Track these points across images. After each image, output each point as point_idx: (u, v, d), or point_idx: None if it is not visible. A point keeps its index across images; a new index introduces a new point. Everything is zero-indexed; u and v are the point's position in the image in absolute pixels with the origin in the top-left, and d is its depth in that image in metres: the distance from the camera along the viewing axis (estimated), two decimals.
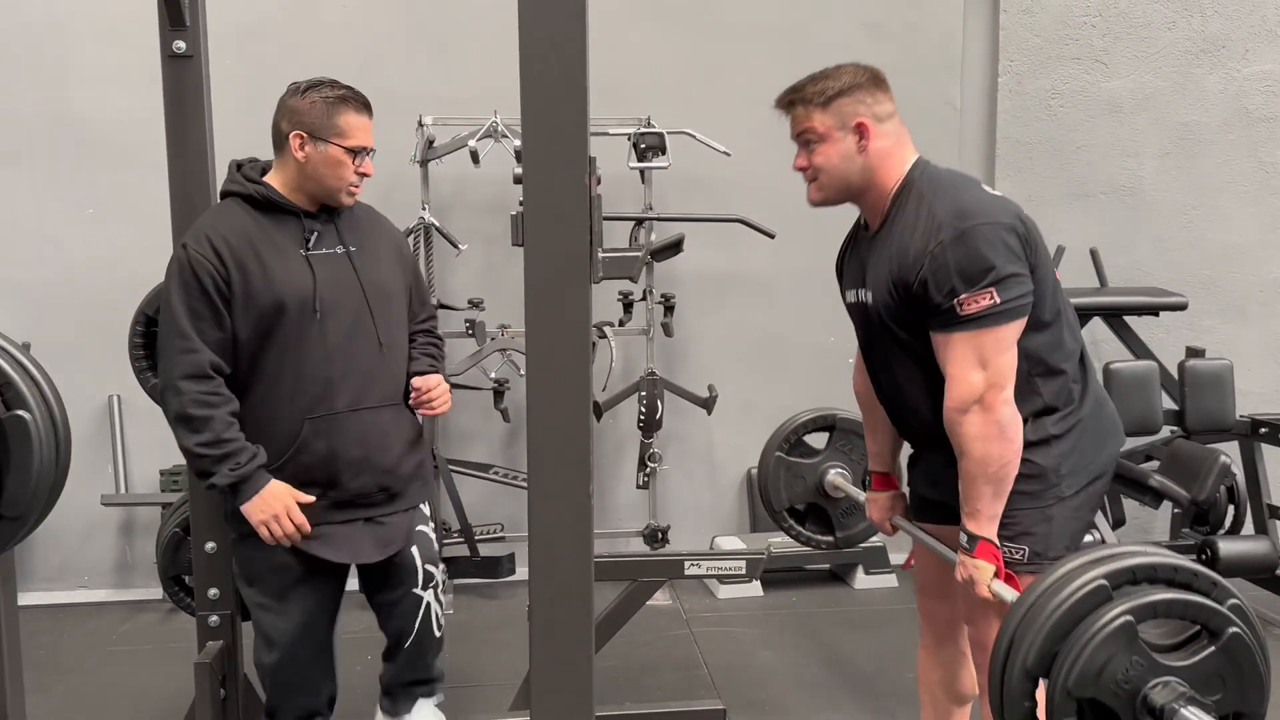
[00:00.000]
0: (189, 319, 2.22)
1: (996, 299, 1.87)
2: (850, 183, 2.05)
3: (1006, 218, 1.93)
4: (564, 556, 1.46)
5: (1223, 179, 4.59)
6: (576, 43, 1.34)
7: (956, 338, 1.91)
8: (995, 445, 1.90)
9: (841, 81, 2.01)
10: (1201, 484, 3.62)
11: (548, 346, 1.40)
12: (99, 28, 4.04)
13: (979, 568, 1.95)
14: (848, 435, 2.79)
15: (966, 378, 1.90)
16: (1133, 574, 1.41)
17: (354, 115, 2.36)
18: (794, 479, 2.81)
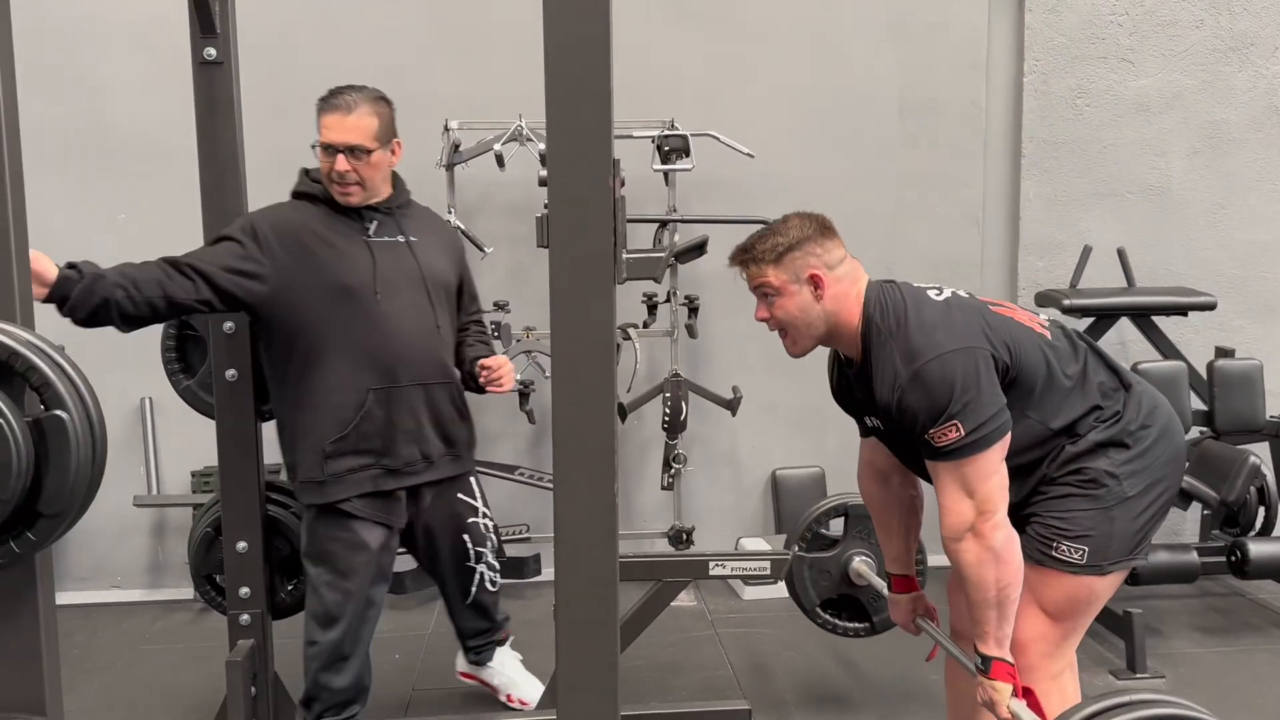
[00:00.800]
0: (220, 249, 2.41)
1: (962, 431, 1.92)
2: (817, 330, 2.13)
3: (953, 342, 1.97)
4: (589, 557, 1.48)
5: (1252, 177, 4.55)
6: (600, 46, 1.36)
7: (940, 468, 1.99)
8: (991, 570, 1.95)
9: (789, 236, 2.08)
10: (1231, 485, 3.59)
11: (573, 348, 1.42)
12: (131, 35, 4.10)
13: (997, 689, 2.00)
14: (862, 520, 2.88)
15: (956, 507, 1.97)
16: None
17: (326, 115, 2.48)
18: (819, 575, 2.90)
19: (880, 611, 2.89)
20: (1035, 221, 4.49)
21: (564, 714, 1.53)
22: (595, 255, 1.40)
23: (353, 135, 2.46)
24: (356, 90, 2.50)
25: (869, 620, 2.94)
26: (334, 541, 2.57)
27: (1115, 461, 2.05)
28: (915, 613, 2.46)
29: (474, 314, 2.90)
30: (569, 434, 1.45)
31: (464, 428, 2.75)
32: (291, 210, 2.55)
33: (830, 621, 2.93)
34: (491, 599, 3.00)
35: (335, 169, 2.47)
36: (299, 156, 4.17)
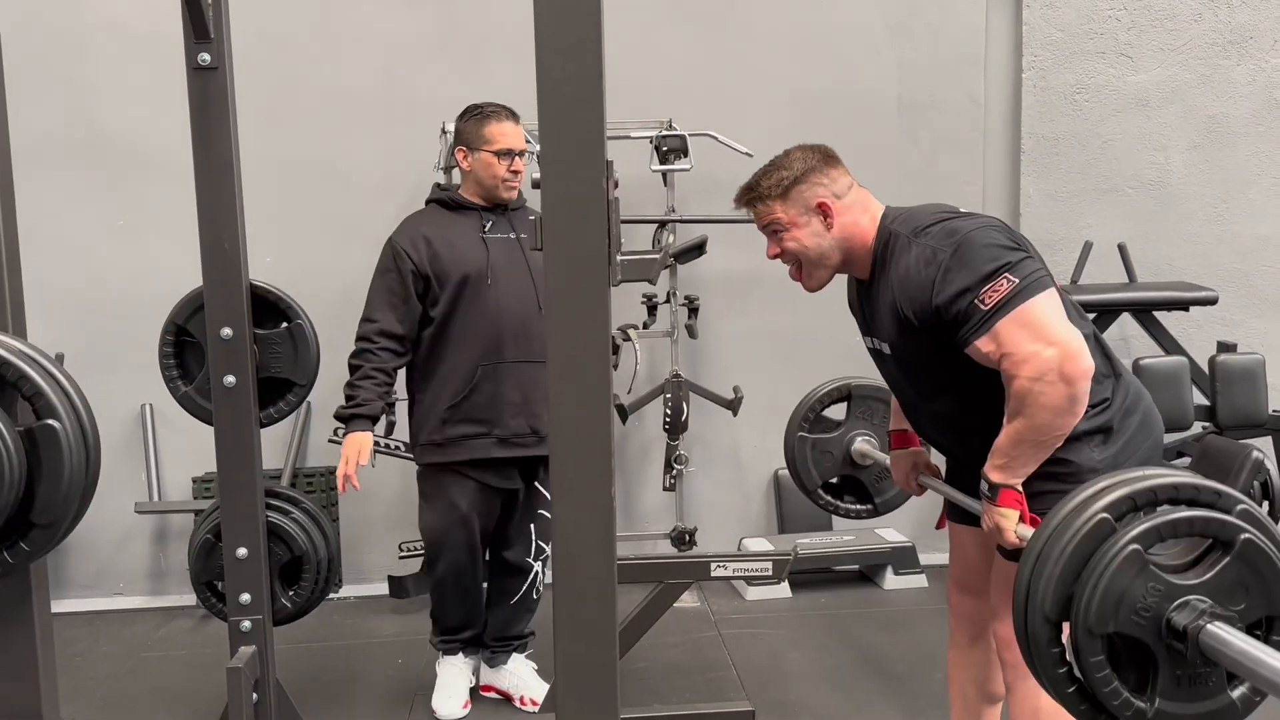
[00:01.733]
0: (378, 294, 3.01)
1: (1014, 279, 1.87)
2: (830, 259, 2.11)
3: (992, 222, 1.99)
4: (587, 559, 1.47)
5: (1252, 171, 4.53)
6: (593, 47, 1.35)
7: (999, 329, 1.87)
8: (1063, 417, 1.88)
9: (794, 169, 2.07)
10: (1234, 480, 3.58)
11: (569, 349, 1.41)
12: (126, 41, 4.09)
13: (1004, 515, 1.95)
14: (865, 401, 2.80)
15: (1039, 354, 1.84)
16: (1133, 501, 1.38)
17: (496, 125, 3.00)
18: (821, 455, 2.82)
19: (883, 492, 2.79)
20: (1036, 218, 4.48)
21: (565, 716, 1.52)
22: (590, 257, 1.39)
23: (520, 140, 3.02)
24: (503, 106, 3.05)
25: (871, 501, 2.85)
26: (445, 487, 3.03)
27: (1095, 457, 2.01)
28: (916, 470, 2.42)
29: None
30: (566, 436, 1.44)
31: None
32: (422, 218, 3.08)
33: (832, 503, 2.83)
34: (532, 607, 3.26)
35: (511, 169, 2.99)
36: (297, 160, 4.19)
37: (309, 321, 2.54)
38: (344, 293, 4.24)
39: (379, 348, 2.97)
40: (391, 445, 4.03)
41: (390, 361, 2.99)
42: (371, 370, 2.96)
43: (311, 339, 2.55)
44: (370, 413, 2.95)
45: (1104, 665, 1.36)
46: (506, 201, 3.05)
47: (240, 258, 2.39)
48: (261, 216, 2.94)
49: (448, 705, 3.17)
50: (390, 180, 4.26)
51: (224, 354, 2.46)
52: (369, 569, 4.36)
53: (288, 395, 2.57)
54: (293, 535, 2.67)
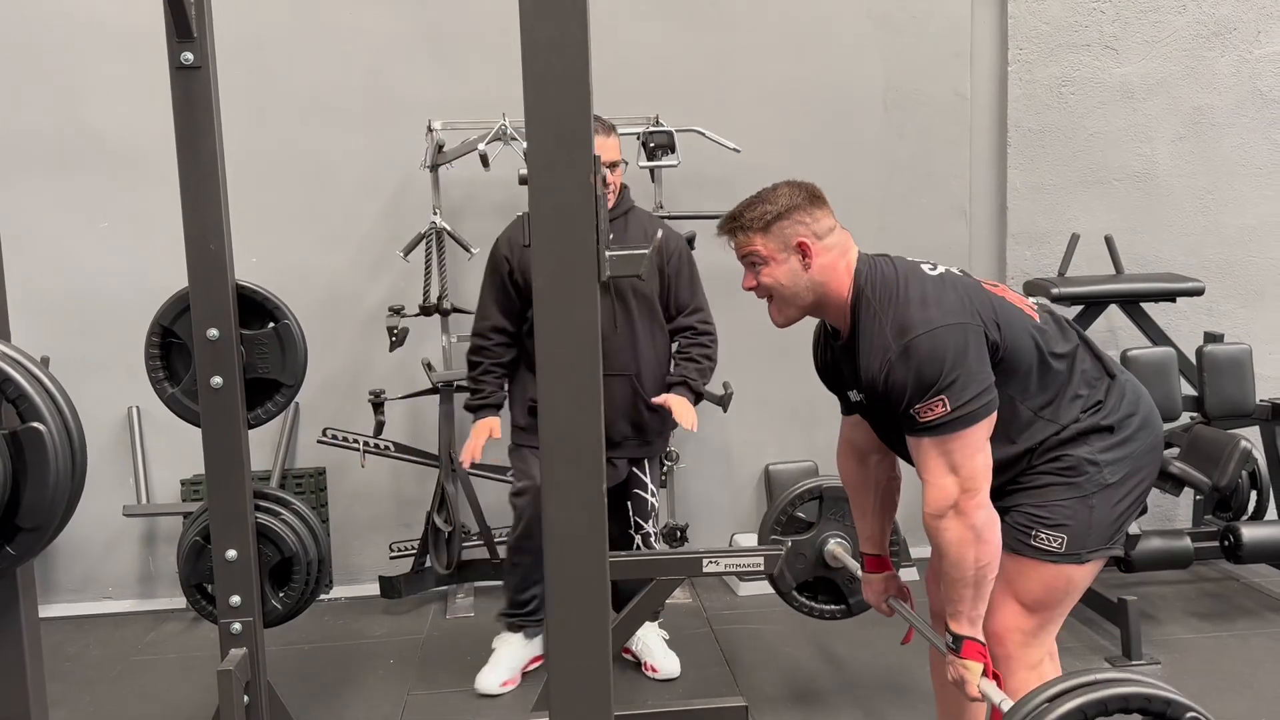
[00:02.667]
0: (486, 293, 3.29)
1: (948, 407, 1.91)
2: (803, 300, 2.11)
3: (945, 318, 1.95)
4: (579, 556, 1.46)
5: (1237, 162, 4.55)
6: (579, 43, 1.34)
7: (924, 444, 1.96)
8: (971, 549, 1.94)
9: (779, 205, 2.07)
10: (1223, 470, 3.59)
11: (557, 346, 1.40)
12: (109, 42, 4.06)
13: (968, 668, 2.00)
14: (837, 503, 2.90)
15: (940, 483, 1.95)
16: (1084, 713, 1.42)
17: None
18: (795, 557, 2.93)
19: (856, 593, 2.89)
20: (1022, 210, 4.49)
21: (557, 716, 1.52)
22: (578, 253, 1.38)
23: (614, 152, 3.13)
24: (597, 119, 2.96)
25: (845, 602, 2.94)
26: (526, 460, 3.28)
27: (1096, 449, 2.04)
28: (888, 592, 2.46)
29: (689, 315, 3.31)
30: (556, 433, 1.43)
31: (653, 418, 3.27)
32: (518, 224, 3.26)
33: (806, 604, 2.94)
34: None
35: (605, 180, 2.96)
36: (282, 159, 4.17)
37: (296, 321, 2.53)
38: (330, 292, 4.25)
39: (493, 343, 3.26)
40: (381, 446, 4.03)
41: (504, 354, 3.28)
42: (490, 365, 3.28)
43: (299, 339, 2.54)
44: (494, 403, 3.32)
45: None
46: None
47: (226, 258, 2.37)
48: (247, 216, 2.93)
49: (487, 680, 3.34)
50: (376, 179, 4.25)
51: (210, 355, 2.45)
52: (360, 570, 4.35)
53: (275, 396, 2.55)
54: (282, 536, 2.66)
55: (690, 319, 3.31)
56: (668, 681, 3.39)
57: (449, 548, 4.04)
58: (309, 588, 2.69)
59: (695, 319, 3.31)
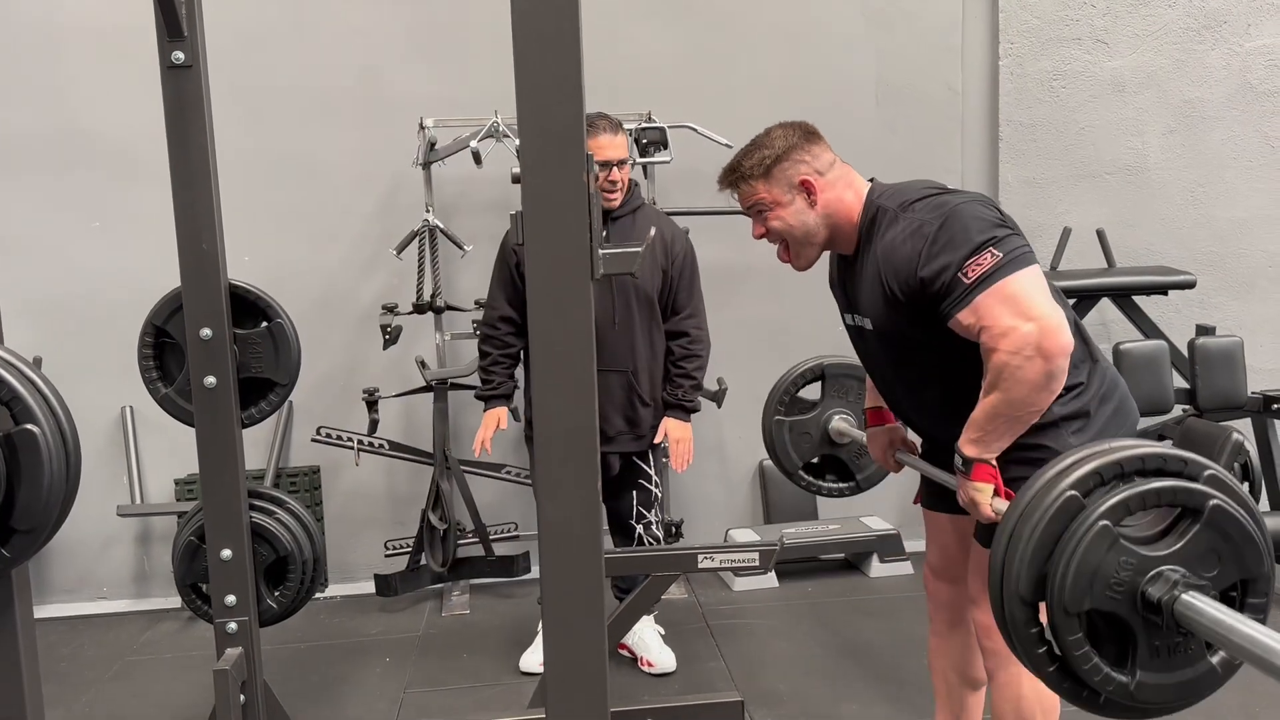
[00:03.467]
0: (495, 284, 3.33)
1: (998, 254, 1.87)
2: (816, 237, 2.09)
3: (980, 197, 1.99)
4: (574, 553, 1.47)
5: (1228, 155, 4.57)
6: (571, 40, 1.34)
7: (980, 302, 1.87)
8: (1039, 394, 1.87)
9: (775, 148, 2.06)
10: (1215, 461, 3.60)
11: (551, 343, 1.40)
12: (100, 41, 4.05)
13: (979, 489, 1.95)
14: (839, 380, 2.81)
15: (1018, 325, 1.83)
16: (1100, 475, 1.37)
17: (595, 138, 3.07)
18: (799, 437, 2.83)
19: (863, 469, 2.80)
20: (1014, 204, 4.50)
21: (554, 711, 1.52)
22: (571, 251, 1.38)
23: (620, 150, 3.14)
24: (605, 117, 3.14)
25: (853, 478, 2.86)
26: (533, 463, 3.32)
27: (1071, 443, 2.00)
28: (893, 445, 2.42)
29: (683, 319, 3.34)
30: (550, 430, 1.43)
31: (647, 412, 3.31)
32: None
33: (814, 483, 2.85)
34: None
35: (609, 179, 3.13)
36: (274, 158, 4.16)
37: (289, 320, 2.52)
38: (324, 291, 4.24)
39: (501, 333, 3.31)
40: (376, 444, 4.02)
41: (514, 344, 3.33)
42: (499, 356, 3.33)
43: (292, 338, 2.53)
44: (504, 392, 3.36)
45: (1082, 643, 1.36)
46: (606, 209, 3.18)
47: (218, 257, 2.37)
48: (239, 215, 2.92)
49: (530, 659, 3.46)
50: (368, 177, 4.24)
51: (204, 355, 2.44)
52: (355, 568, 4.35)
53: (269, 395, 2.55)
54: (277, 535, 2.66)
55: (685, 323, 3.34)
56: (663, 676, 3.40)
57: (444, 545, 4.04)
58: (304, 586, 2.68)
59: (690, 324, 3.35)
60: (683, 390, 3.35)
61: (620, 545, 3.48)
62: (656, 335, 3.31)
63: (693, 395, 3.37)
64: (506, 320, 3.30)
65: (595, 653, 1.49)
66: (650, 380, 3.31)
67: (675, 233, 3.37)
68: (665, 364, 3.36)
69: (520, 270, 3.20)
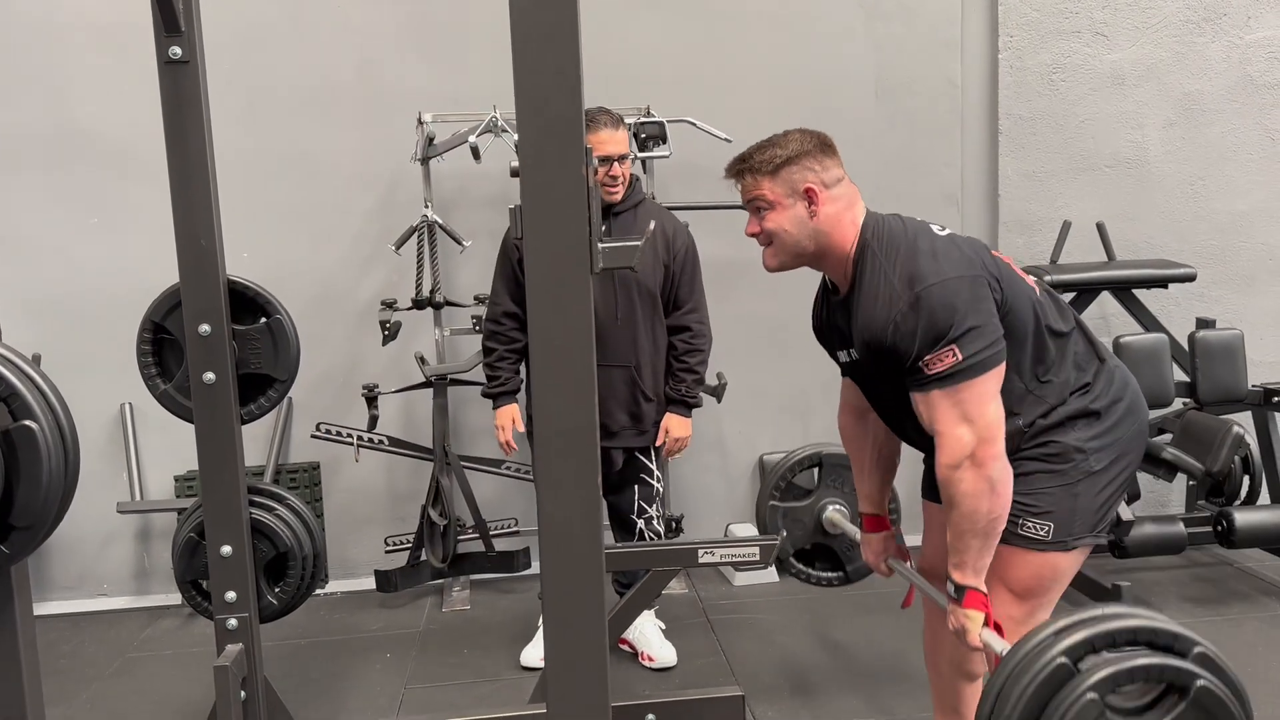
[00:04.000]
0: (498, 280, 3.34)
1: (959, 356, 1.89)
2: (803, 248, 2.08)
3: (956, 270, 1.95)
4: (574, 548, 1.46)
5: (1228, 148, 4.56)
6: (569, 34, 1.34)
7: (934, 397, 1.93)
8: (985, 501, 1.92)
9: (789, 149, 2.05)
10: (1215, 455, 3.61)
11: (551, 338, 1.40)
12: (97, 37, 4.04)
13: (970, 618, 1.99)
14: (836, 469, 2.87)
15: (954, 433, 1.92)
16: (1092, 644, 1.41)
17: (593, 135, 3.11)
18: (793, 524, 2.89)
19: (854, 560, 2.86)
20: (1014, 198, 4.49)
21: (554, 706, 1.52)
22: (570, 244, 1.38)
23: (622, 145, 3.17)
24: (606, 112, 3.17)
25: (843, 569, 2.91)
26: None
27: (1083, 436, 2.03)
28: (886, 553, 2.45)
29: (685, 314, 3.34)
30: (550, 426, 1.43)
31: (650, 407, 3.33)
32: None
33: (804, 571, 2.90)
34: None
35: (610, 174, 3.16)
36: (272, 154, 4.15)
37: (288, 316, 2.52)
38: (322, 287, 4.24)
39: (506, 328, 3.32)
40: (375, 440, 4.02)
41: (520, 339, 3.32)
42: (505, 352, 3.33)
43: (291, 334, 2.53)
44: (511, 389, 3.36)
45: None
46: (608, 204, 3.20)
47: (217, 253, 2.36)
48: (238, 212, 2.92)
49: (530, 654, 3.48)
50: (367, 173, 4.24)
51: (203, 351, 2.44)
52: (355, 564, 4.35)
53: (268, 391, 2.55)
54: (277, 532, 2.66)
55: (687, 318, 3.35)
56: (664, 671, 3.40)
57: (444, 541, 4.04)
58: (304, 583, 2.68)
59: (692, 319, 3.36)
60: (685, 385, 3.36)
61: (621, 540, 3.48)
62: (659, 330, 3.32)
63: (695, 390, 3.39)
64: (510, 316, 3.29)
65: (596, 647, 1.49)
66: (653, 375, 3.32)
67: (677, 227, 3.37)
68: (668, 359, 3.36)
69: (523, 265, 3.20)
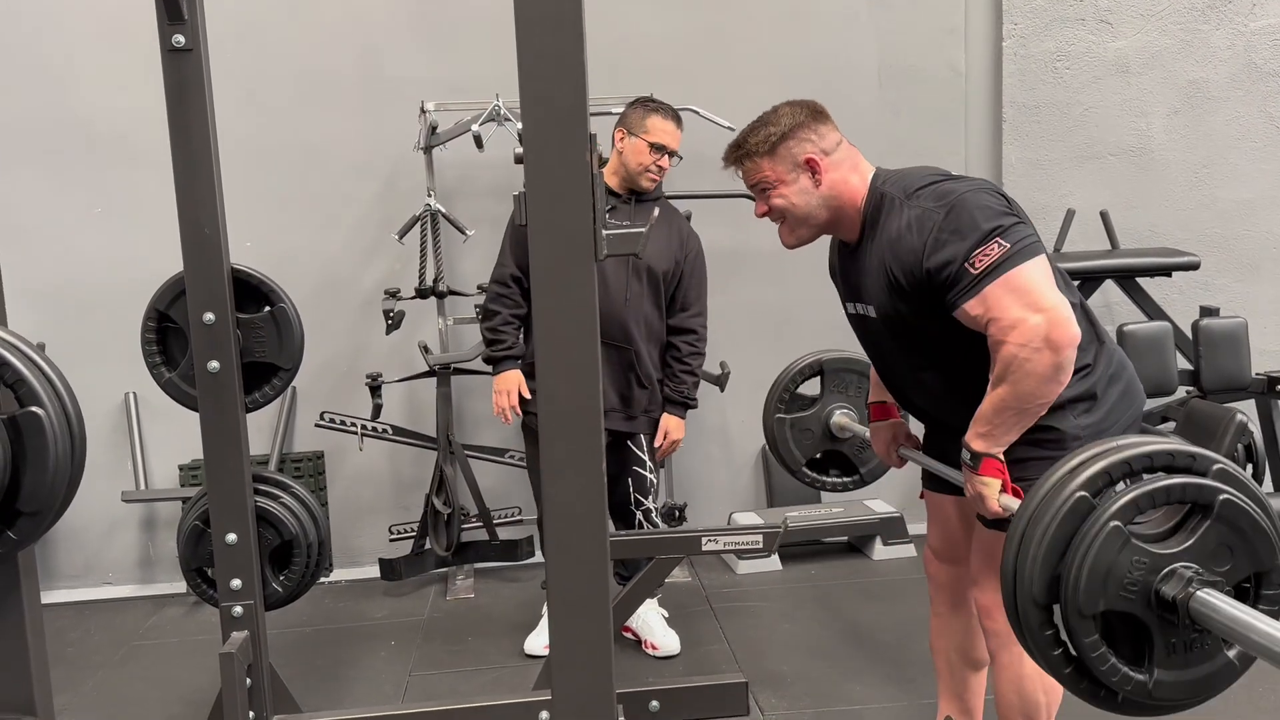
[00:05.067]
0: (507, 244, 3.31)
1: (1005, 244, 1.86)
2: (816, 218, 2.08)
3: (985, 185, 1.99)
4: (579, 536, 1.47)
5: (1232, 135, 4.55)
6: (573, 21, 1.34)
7: (988, 293, 1.86)
8: (1048, 386, 1.87)
9: (782, 125, 2.05)
10: (1219, 443, 3.60)
11: (555, 325, 1.40)
12: (99, 26, 4.04)
13: (987, 484, 1.95)
14: (839, 374, 2.81)
15: (1026, 317, 1.84)
16: (1109, 475, 1.37)
17: (660, 120, 3.18)
18: (801, 433, 2.83)
19: (866, 461, 2.80)
20: (1018, 186, 4.48)
21: (559, 693, 1.52)
22: (574, 232, 1.38)
23: (677, 143, 3.22)
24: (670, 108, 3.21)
25: (856, 472, 2.87)
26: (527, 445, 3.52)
27: (1080, 424, 2.02)
28: (896, 441, 2.43)
29: (690, 317, 3.37)
30: (554, 412, 1.43)
31: (642, 393, 3.31)
32: None
33: (818, 479, 2.86)
34: None
35: (659, 163, 3.19)
36: (275, 143, 4.15)
37: (292, 305, 2.52)
38: (326, 276, 4.24)
39: (513, 291, 3.27)
40: (379, 429, 4.03)
41: (524, 305, 3.28)
42: (509, 315, 3.29)
43: (295, 322, 2.53)
44: (516, 353, 3.30)
45: (1099, 644, 1.35)
46: (643, 190, 3.23)
47: (221, 242, 2.36)
48: (241, 201, 2.92)
49: (534, 642, 3.48)
50: (370, 162, 4.24)
51: (207, 339, 2.44)
52: (360, 552, 4.36)
53: (272, 380, 2.55)
54: (282, 520, 2.66)
55: (693, 320, 3.39)
56: (668, 659, 3.41)
57: (448, 530, 4.05)
58: (309, 570, 2.69)
59: (697, 322, 3.40)
60: (687, 387, 3.39)
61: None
62: (658, 318, 3.33)
63: (695, 391, 3.43)
64: (517, 280, 3.27)
65: (601, 634, 1.49)
66: (651, 361, 3.33)
67: (690, 230, 3.43)
68: (667, 358, 3.37)
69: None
